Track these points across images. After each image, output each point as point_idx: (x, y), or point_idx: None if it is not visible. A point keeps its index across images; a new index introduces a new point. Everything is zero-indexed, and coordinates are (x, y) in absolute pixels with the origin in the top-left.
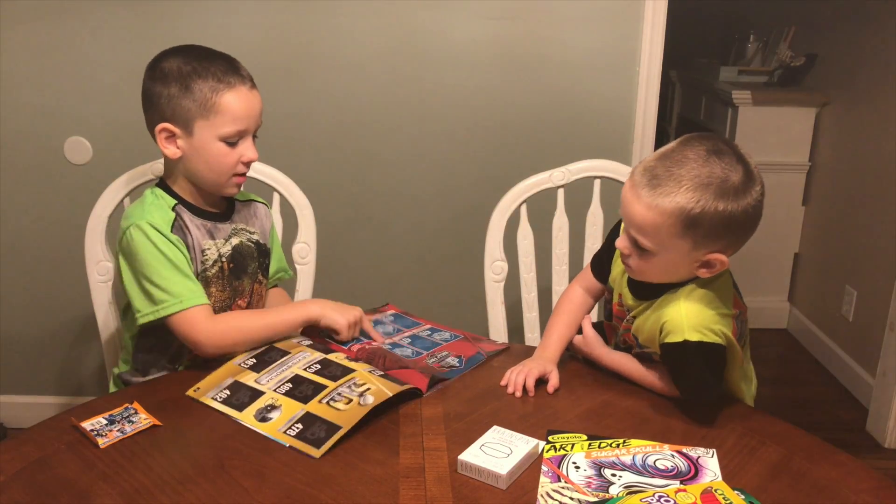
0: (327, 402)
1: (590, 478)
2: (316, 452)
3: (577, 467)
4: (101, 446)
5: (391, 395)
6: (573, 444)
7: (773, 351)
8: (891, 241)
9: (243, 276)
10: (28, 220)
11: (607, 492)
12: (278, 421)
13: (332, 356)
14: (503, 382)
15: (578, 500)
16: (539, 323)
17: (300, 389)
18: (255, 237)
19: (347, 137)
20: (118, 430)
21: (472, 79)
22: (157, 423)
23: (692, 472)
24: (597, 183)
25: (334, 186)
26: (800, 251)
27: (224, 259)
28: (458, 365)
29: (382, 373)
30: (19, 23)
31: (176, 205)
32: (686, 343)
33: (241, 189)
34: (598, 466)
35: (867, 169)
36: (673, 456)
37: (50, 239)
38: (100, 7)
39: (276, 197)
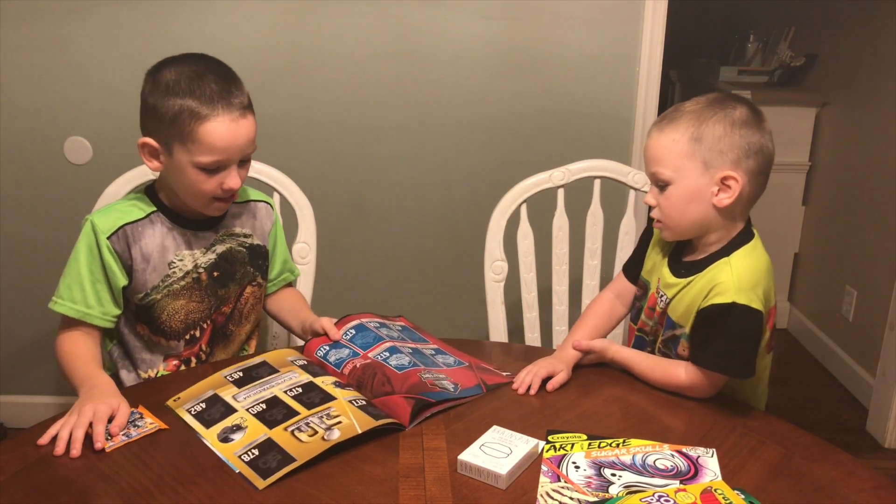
0: (292, 431)
1: (589, 478)
2: (260, 483)
3: (577, 467)
4: (107, 450)
5: (360, 432)
6: (573, 444)
7: (774, 351)
8: (891, 241)
9: (230, 283)
10: (28, 220)
11: (607, 491)
12: (238, 443)
13: (319, 379)
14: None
15: (578, 500)
16: (539, 323)
17: (272, 413)
18: (248, 241)
19: (347, 137)
20: (124, 435)
21: (472, 79)
22: (164, 426)
23: (692, 472)
24: (597, 183)
25: (334, 186)
26: (800, 251)
27: (203, 269)
28: (451, 390)
29: (365, 401)
30: (19, 23)
31: (154, 212)
32: (734, 305)
33: (225, 209)
34: (598, 466)
35: (867, 169)
36: (673, 456)
37: (50, 239)
38: (99, 7)
39: (276, 197)
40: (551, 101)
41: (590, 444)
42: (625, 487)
